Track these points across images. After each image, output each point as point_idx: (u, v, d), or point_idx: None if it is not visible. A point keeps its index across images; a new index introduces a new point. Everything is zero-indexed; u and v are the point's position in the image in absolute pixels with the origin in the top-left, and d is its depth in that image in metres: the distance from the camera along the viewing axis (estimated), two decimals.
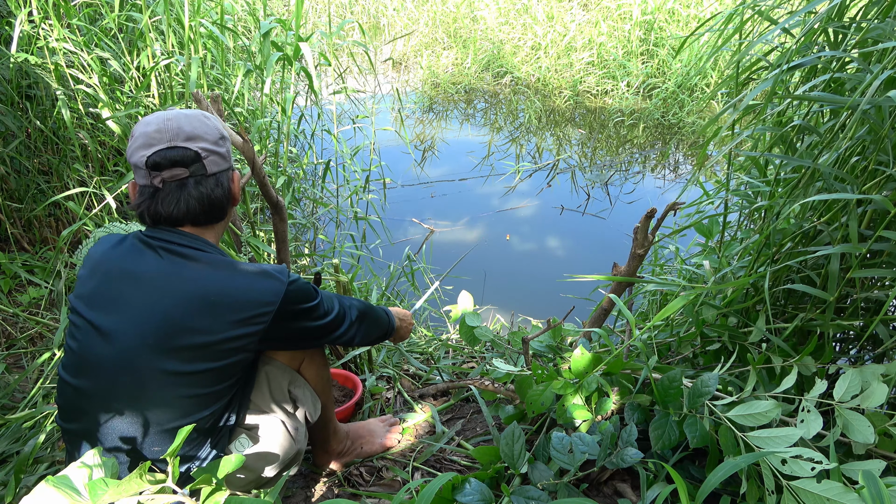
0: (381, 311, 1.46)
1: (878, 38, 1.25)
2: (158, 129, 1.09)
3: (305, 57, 2.54)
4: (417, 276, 3.12)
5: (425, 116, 5.83)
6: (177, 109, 1.15)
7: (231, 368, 1.12)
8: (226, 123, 1.27)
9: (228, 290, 1.08)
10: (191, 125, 1.11)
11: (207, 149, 1.12)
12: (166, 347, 1.05)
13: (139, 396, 1.06)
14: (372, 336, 1.41)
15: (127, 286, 1.07)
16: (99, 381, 1.06)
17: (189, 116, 1.13)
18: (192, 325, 1.05)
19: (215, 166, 1.14)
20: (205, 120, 1.15)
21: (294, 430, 1.27)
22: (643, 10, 6.00)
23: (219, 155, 1.15)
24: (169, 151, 1.09)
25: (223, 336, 1.07)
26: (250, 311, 1.09)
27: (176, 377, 1.06)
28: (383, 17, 7.30)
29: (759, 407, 1.17)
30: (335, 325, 1.26)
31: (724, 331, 1.52)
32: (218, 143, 1.15)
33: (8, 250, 2.55)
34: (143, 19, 2.44)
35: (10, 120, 2.44)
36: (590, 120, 5.81)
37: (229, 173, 1.19)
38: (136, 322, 1.05)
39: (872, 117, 1.22)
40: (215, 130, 1.15)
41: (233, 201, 1.21)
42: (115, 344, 1.05)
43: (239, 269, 1.11)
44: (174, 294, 1.06)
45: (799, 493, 0.99)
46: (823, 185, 1.34)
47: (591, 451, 1.26)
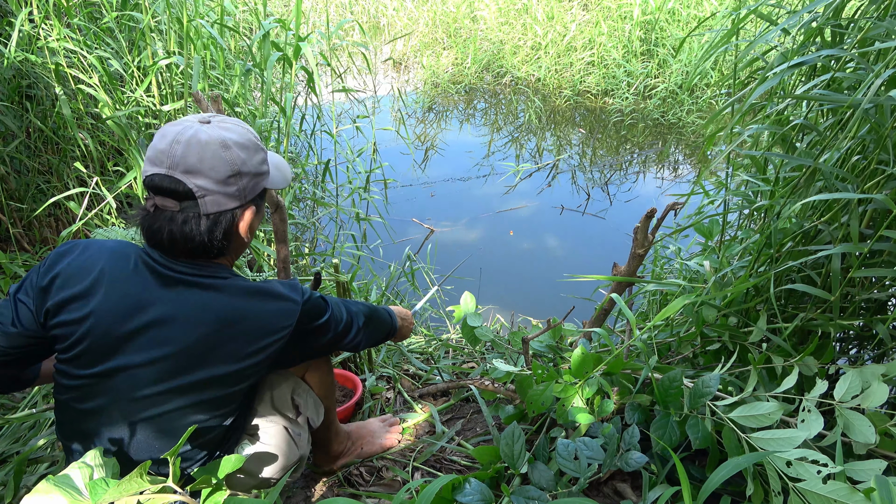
0: (384, 312, 1.43)
1: (876, 37, 1.25)
2: (164, 151, 0.98)
3: (307, 56, 2.54)
4: (418, 276, 3.12)
5: (425, 116, 5.82)
6: (197, 126, 1.00)
7: (239, 393, 1.09)
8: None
9: (241, 320, 1.02)
10: (198, 156, 0.97)
11: (207, 188, 0.98)
12: (175, 384, 1.01)
13: (146, 424, 1.03)
14: (377, 338, 1.39)
15: (136, 316, 1.00)
16: (103, 407, 1.02)
17: (202, 144, 0.97)
18: (205, 358, 1.01)
19: (215, 206, 1.00)
20: (219, 152, 0.99)
21: (297, 437, 1.26)
22: (643, 10, 6.00)
23: (223, 195, 1.00)
24: (164, 179, 0.97)
25: (237, 367, 1.04)
26: (265, 338, 1.04)
27: (184, 408, 1.03)
28: (383, 17, 7.30)
29: (761, 408, 1.17)
30: (344, 334, 1.23)
31: (725, 331, 1.52)
32: (227, 181, 1.00)
33: (8, 250, 2.54)
34: (144, 19, 2.44)
35: (10, 120, 2.44)
36: (590, 120, 5.80)
37: (237, 212, 1.04)
38: (142, 354, 1.00)
39: (873, 116, 1.22)
40: (227, 166, 0.99)
41: (238, 243, 1.08)
42: (120, 375, 1.00)
43: (251, 294, 1.04)
44: (185, 327, 0.99)
45: (805, 494, 0.99)
46: (824, 184, 1.34)
47: (595, 455, 1.26)
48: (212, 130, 1.00)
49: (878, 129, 1.24)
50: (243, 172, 1.02)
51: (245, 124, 1.08)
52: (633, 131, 5.55)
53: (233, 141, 1.01)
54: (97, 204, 2.51)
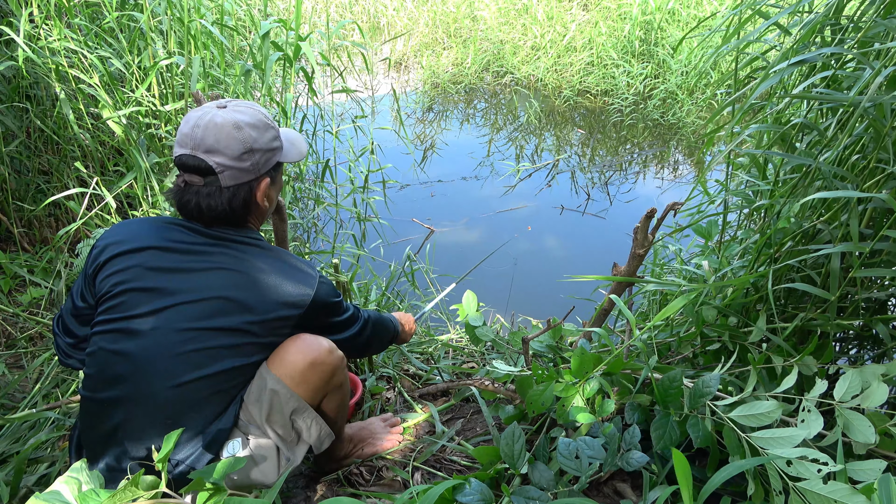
0: (387, 318, 1.57)
1: (876, 37, 1.25)
2: (188, 134, 1.14)
3: (307, 56, 2.54)
4: (418, 276, 3.12)
5: (425, 116, 5.82)
6: (214, 112, 1.16)
7: (263, 347, 1.19)
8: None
9: (272, 273, 1.18)
10: (214, 137, 1.14)
11: (225, 164, 1.15)
12: (215, 324, 1.13)
13: (185, 357, 1.12)
14: (382, 340, 1.54)
15: (180, 263, 1.15)
16: (141, 349, 1.11)
17: (217, 127, 1.14)
18: (240, 303, 1.14)
19: (232, 180, 1.17)
20: (233, 132, 1.15)
21: (285, 461, 1.24)
22: (643, 11, 6.00)
23: (239, 170, 1.17)
24: (190, 158, 1.15)
25: (264, 318, 1.15)
26: (293, 296, 1.19)
27: (217, 348, 1.13)
28: (383, 17, 7.30)
29: (761, 407, 1.17)
30: (351, 322, 1.37)
31: (725, 331, 1.52)
32: (241, 157, 1.16)
33: (8, 250, 2.54)
34: (143, 19, 2.44)
35: (10, 120, 2.44)
36: (589, 120, 5.80)
37: (254, 184, 1.21)
38: (185, 296, 1.13)
39: (873, 114, 1.22)
40: (239, 144, 1.16)
41: (258, 210, 1.25)
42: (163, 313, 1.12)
43: (280, 255, 1.22)
44: (224, 276, 1.15)
45: (806, 494, 0.99)
46: (823, 183, 1.34)
47: (597, 455, 1.25)
48: (226, 114, 1.16)
49: (877, 127, 1.24)
50: (255, 149, 1.18)
51: (257, 106, 1.23)
52: (633, 131, 5.55)
53: (245, 122, 1.16)
54: (97, 204, 2.51)
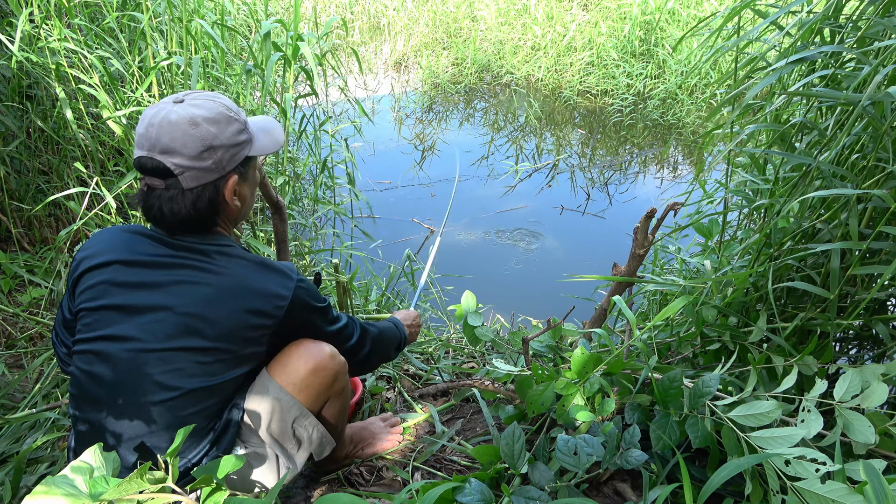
0: (391, 327, 1.50)
1: (875, 36, 1.25)
2: (143, 134, 1.06)
3: (306, 56, 2.54)
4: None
5: (425, 116, 5.83)
6: (169, 108, 1.06)
7: (242, 360, 1.13)
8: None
9: (240, 286, 1.09)
10: (170, 136, 1.04)
11: (183, 165, 1.06)
12: (181, 343, 1.07)
13: (147, 391, 1.06)
14: (387, 351, 1.47)
15: (143, 277, 1.09)
16: (114, 372, 1.07)
17: (172, 125, 1.04)
18: (206, 320, 1.07)
19: (194, 181, 1.08)
20: (189, 130, 1.05)
21: (283, 469, 1.23)
22: (643, 11, 6.00)
23: (200, 170, 1.07)
24: (147, 160, 1.06)
25: (240, 328, 1.09)
26: (263, 307, 1.10)
27: (186, 371, 1.07)
28: (383, 18, 7.30)
29: (760, 407, 1.17)
30: (345, 333, 1.29)
31: (725, 330, 1.52)
32: (201, 156, 1.06)
33: (8, 250, 2.54)
34: (143, 19, 2.45)
35: (10, 120, 2.44)
36: (589, 120, 5.81)
37: (219, 183, 1.11)
38: (150, 319, 1.07)
39: (871, 112, 1.22)
40: (197, 142, 1.06)
41: (228, 210, 1.15)
42: (130, 335, 1.07)
43: (250, 263, 1.12)
44: (188, 290, 1.07)
45: (804, 493, 0.99)
46: (823, 182, 1.34)
47: (596, 452, 1.26)
48: (182, 110, 1.06)
49: (875, 126, 1.24)
50: (216, 146, 1.08)
51: (219, 97, 1.13)
52: (633, 131, 5.55)
53: (202, 117, 1.06)
54: (97, 204, 2.51)
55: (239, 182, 1.15)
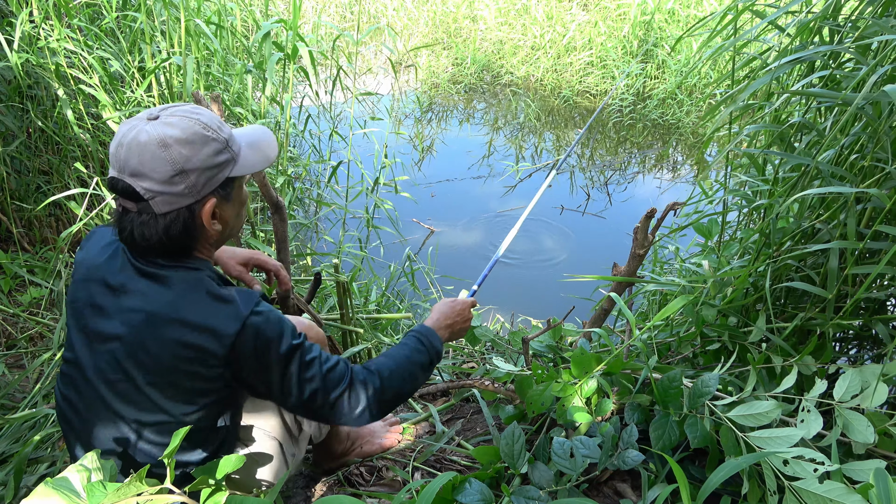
0: (412, 349, 1.20)
1: (874, 35, 1.25)
2: (113, 154, 0.98)
3: (306, 56, 2.54)
4: (418, 277, 3.12)
5: (424, 116, 5.83)
6: (140, 126, 0.97)
7: (197, 394, 1.03)
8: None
9: (179, 316, 0.99)
10: (138, 159, 0.95)
11: (153, 190, 0.96)
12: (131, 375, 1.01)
13: (108, 422, 1.03)
14: (404, 388, 1.16)
15: (107, 303, 1.03)
16: (80, 399, 1.05)
17: (141, 146, 0.95)
18: (150, 348, 0.99)
19: (167, 206, 0.98)
20: (159, 152, 0.95)
21: (290, 456, 1.24)
22: (642, 11, 6.00)
23: (172, 195, 0.97)
24: (117, 182, 0.98)
25: (174, 364, 0.99)
26: (200, 339, 0.98)
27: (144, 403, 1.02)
28: (383, 17, 7.30)
29: (759, 407, 1.17)
30: (328, 378, 1.06)
31: (724, 330, 1.52)
32: (172, 181, 0.97)
33: (9, 250, 2.55)
34: (142, 19, 2.45)
35: (10, 120, 2.44)
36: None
37: (195, 207, 1.01)
38: (105, 349, 1.02)
39: (869, 113, 1.22)
40: (168, 166, 0.96)
41: (205, 234, 1.05)
42: (90, 358, 1.03)
43: (199, 295, 1.01)
44: (134, 319, 1.00)
45: (801, 493, 0.99)
46: (822, 182, 1.35)
47: (592, 454, 1.26)
48: (153, 129, 0.97)
49: (874, 126, 1.24)
50: (188, 169, 0.98)
51: (198, 113, 1.02)
52: (633, 132, 5.55)
53: (174, 138, 0.96)
54: (97, 204, 2.51)
55: (219, 205, 1.04)
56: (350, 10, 7.26)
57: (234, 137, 1.06)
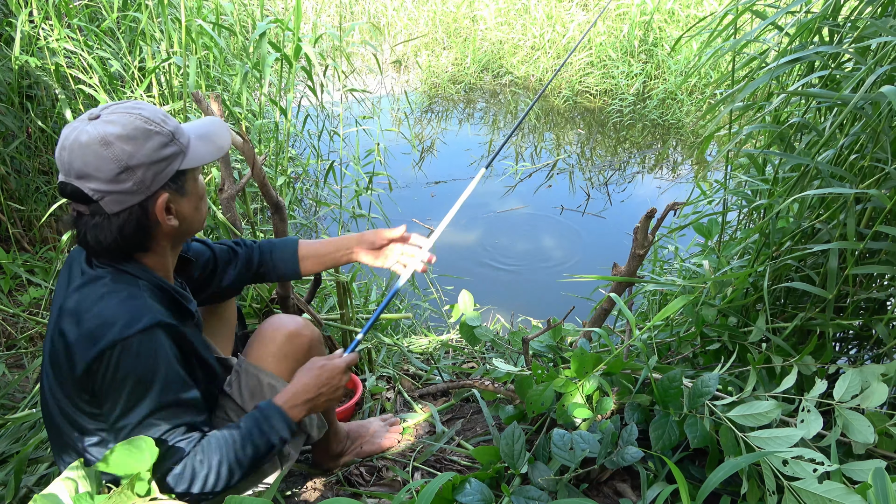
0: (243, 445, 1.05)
1: (873, 35, 1.25)
2: (58, 157, 0.97)
3: (309, 56, 2.54)
4: (418, 277, 3.12)
5: (424, 116, 5.83)
6: (81, 127, 0.96)
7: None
8: (227, 124, 1.20)
9: (77, 320, 0.97)
10: (81, 160, 0.94)
11: (101, 189, 0.95)
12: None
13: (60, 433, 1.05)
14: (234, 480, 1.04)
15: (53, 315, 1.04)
16: (42, 407, 1.08)
17: (83, 147, 0.94)
18: (53, 364, 1.00)
19: (118, 205, 0.97)
20: (101, 151, 0.94)
21: (285, 457, 1.25)
22: (642, 11, 6.00)
23: (121, 193, 0.96)
24: (66, 186, 0.97)
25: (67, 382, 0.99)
26: (75, 354, 0.96)
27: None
28: (383, 17, 7.30)
29: (759, 407, 1.17)
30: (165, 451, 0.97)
31: (724, 330, 1.52)
32: (118, 178, 0.95)
33: (9, 250, 2.55)
34: (142, 19, 2.45)
35: (10, 120, 2.44)
36: (589, 120, 5.81)
37: (147, 204, 1.00)
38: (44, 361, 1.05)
39: (868, 113, 1.22)
40: (112, 164, 0.95)
41: (161, 230, 1.04)
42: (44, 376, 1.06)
43: (87, 309, 0.98)
44: (53, 312, 1.02)
45: (800, 493, 0.99)
46: (822, 182, 1.35)
47: (591, 448, 1.26)
48: (94, 129, 0.95)
49: (873, 126, 1.24)
50: (133, 166, 0.96)
51: (140, 108, 1.01)
52: (632, 131, 5.55)
53: (115, 135, 0.95)
54: None
55: (173, 199, 1.03)
56: (350, 10, 7.26)
57: (182, 130, 1.05)
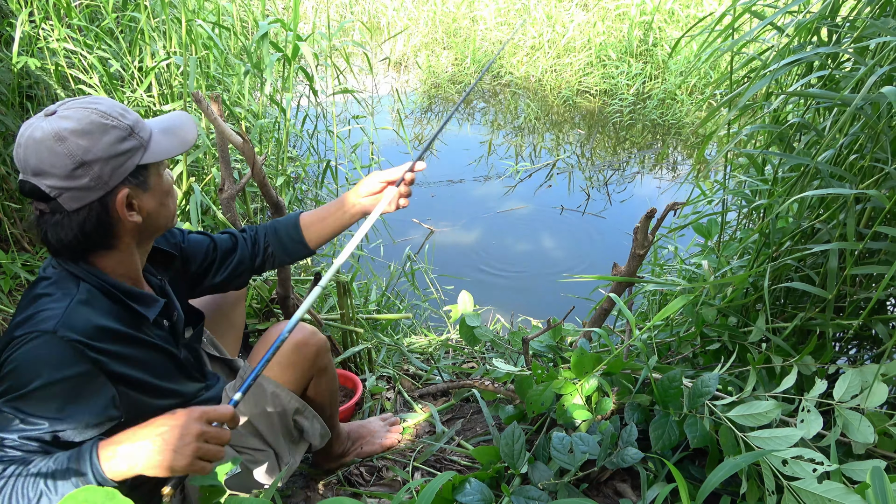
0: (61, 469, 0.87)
1: (872, 36, 1.25)
2: (15, 155, 0.95)
3: (306, 56, 2.54)
4: (417, 276, 3.12)
5: (424, 116, 5.83)
6: (36, 123, 0.95)
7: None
8: (226, 124, 1.20)
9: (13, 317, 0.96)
10: (36, 157, 0.93)
11: (58, 186, 0.94)
12: None
13: None
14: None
15: None
16: None
17: (37, 143, 0.93)
18: None
19: (76, 202, 0.95)
20: (55, 146, 0.92)
21: (284, 465, 1.25)
22: (641, 11, 6.00)
23: (78, 189, 0.95)
24: (24, 184, 0.96)
25: None
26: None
27: None
28: (383, 17, 7.30)
29: (759, 407, 1.17)
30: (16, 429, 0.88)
31: (724, 330, 1.52)
32: (74, 174, 0.94)
33: (9, 250, 2.55)
34: (142, 19, 2.45)
35: (10, 120, 2.44)
36: (588, 120, 5.81)
37: (107, 199, 0.98)
38: None
39: (867, 113, 1.22)
40: (67, 159, 0.93)
41: (123, 227, 1.02)
42: None
43: (30, 302, 0.97)
44: None
45: (800, 493, 0.99)
46: (821, 182, 1.35)
47: (591, 450, 1.26)
48: (48, 124, 0.94)
49: (873, 126, 1.24)
50: (89, 161, 0.94)
51: (97, 102, 0.99)
52: (633, 131, 5.55)
53: (69, 130, 0.93)
54: None
55: (135, 195, 1.01)
56: (350, 10, 7.26)
57: (143, 124, 1.04)
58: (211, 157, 2.59)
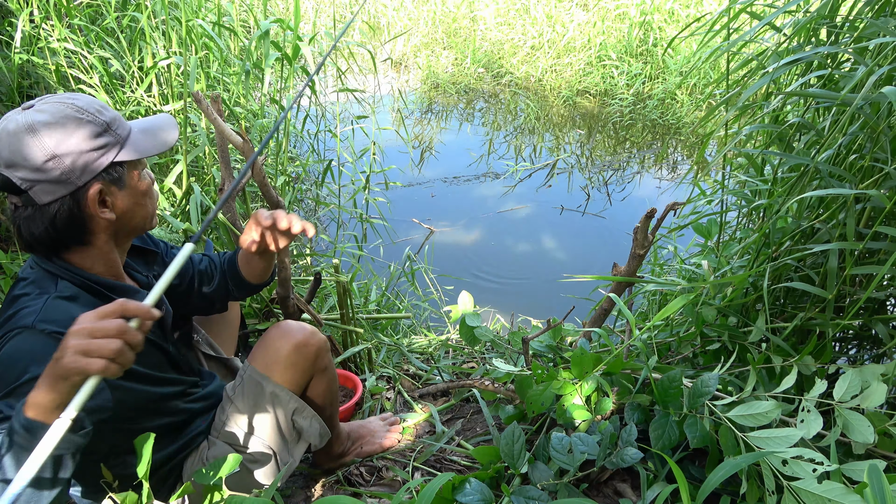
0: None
1: (871, 36, 1.25)
2: None
3: (306, 56, 2.54)
4: (417, 276, 3.12)
5: (424, 116, 5.83)
6: (11, 116, 0.96)
7: None
8: (226, 124, 1.20)
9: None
10: (9, 148, 0.93)
11: (29, 178, 0.94)
12: None
13: None
14: None
15: None
16: None
17: (10, 135, 0.93)
18: None
19: (48, 195, 0.95)
20: (27, 139, 0.93)
21: (283, 465, 1.26)
22: (641, 11, 6.00)
23: (49, 182, 0.94)
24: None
25: None
26: None
27: None
28: (383, 18, 7.30)
29: (759, 407, 1.17)
30: None
31: (724, 330, 1.52)
32: (45, 167, 0.94)
33: (9, 250, 2.55)
34: (142, 19, 2.45)
35: None
36: (588, 120, 5.81)
37: (79, 195, 0.97)
38: None
39: (867, 113, 1.22)
40: (39, 152, 0.93)
41: (97, 224, 1.01)
42: None
43: (10, 302, 0.97)
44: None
45: (800, 493, 0.99)
46: (821, 182, 1.35)
47: (590, 451, 1.26)
48: (23, 117, 0.95)
49: (872, 126, 1.24)
50: (60, 154, 0.94)
51: (74, 98, 0.99)
52: (632, 131, 5.56)
53: (42, 122, 0.94)
54: None
55: (108, 192, 1.01)
56: (350, 10, 7.26)
57: (122, 122, 1.04)
58: (211, 157, 2.59)
